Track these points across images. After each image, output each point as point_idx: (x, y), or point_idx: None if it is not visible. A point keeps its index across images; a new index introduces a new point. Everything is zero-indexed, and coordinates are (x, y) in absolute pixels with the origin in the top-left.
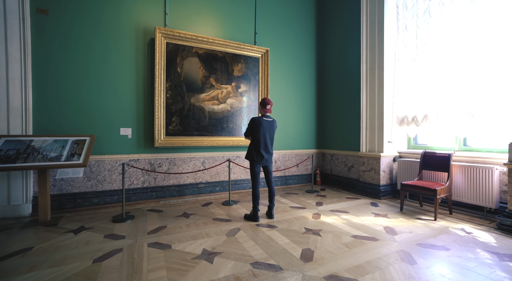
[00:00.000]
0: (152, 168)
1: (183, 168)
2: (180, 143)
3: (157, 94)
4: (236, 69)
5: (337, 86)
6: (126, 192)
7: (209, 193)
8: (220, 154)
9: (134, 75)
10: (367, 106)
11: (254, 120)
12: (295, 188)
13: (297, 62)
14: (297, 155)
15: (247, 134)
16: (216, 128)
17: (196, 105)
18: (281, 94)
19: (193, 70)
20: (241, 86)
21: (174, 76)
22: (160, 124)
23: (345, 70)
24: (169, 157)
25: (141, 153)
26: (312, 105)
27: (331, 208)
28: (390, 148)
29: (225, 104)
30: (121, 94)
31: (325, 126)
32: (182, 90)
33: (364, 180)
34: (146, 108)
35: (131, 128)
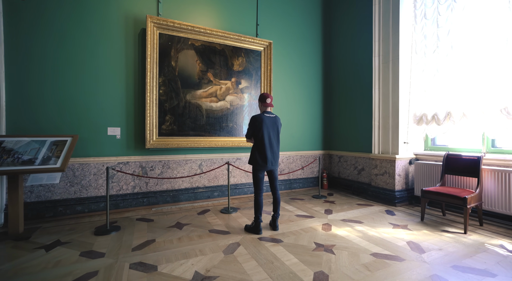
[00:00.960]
0: (144, 172)
1: (178, 171)
2: (175, 144)
3: (149, 90)
4: (236, 63)
5: (346, 82)
6: (114, 198)
7: (207, 198)
8: (219, 156)
9: (123, 69)
10: (380, 103)
11: (255, 118)
12: (300, 192)
13: (302, 57)
14: (302, 156)
15: (248, 136)
16: (215, 128)
17: (192, 103)
18: (285, 91)
19: (189, 64)
20: (242, 82)
21: (168, 70)
22: (152, 123)
23: (355, 64)
24: (162, 160)
25: (131, 155)
26: (318, 103)
27: (342, 217)
28: (406, 149)
29: (224, 101)
30: (108, 90)
31: (332, 125)
32: (177, 86)
33: (377, 185)
34: (137, 106)
35: (119, 128)
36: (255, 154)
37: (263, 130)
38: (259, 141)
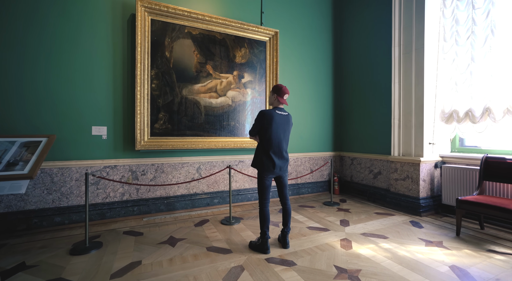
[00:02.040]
0: (134, 177)
1: (173, 176)
2: (169, 145)
3: (139, 83)
4: (239, 55)
5: (360, 76)
6: (99, 207)
7: (206, 206)
8: (219, 158)
9: (110, 60)
10: (401, 99)
11: (264, 113)
12: (310, 198)
13: (311, 49)
14: (311, 159)
15: (253, 132)
16: (214, 127)
17: (189, 98)
18: (292, 87)
19: (185, 55)
20: (245, 75)
21: (161, 61)
22: (143, 122)
23: (370, 56)
24: (155, 163)
25: (120, 157)
26: (328, 100)
27: (362, 229)
28: (432, 151)
29: (225, 97)
30: (93, 83)
31: (344, 124)
32: (172, 80)
33: (397, 191)
34: (126, 102)
35: (106, 127)
36: (260, 156)
37: (272, 129)
38: (266, 142)
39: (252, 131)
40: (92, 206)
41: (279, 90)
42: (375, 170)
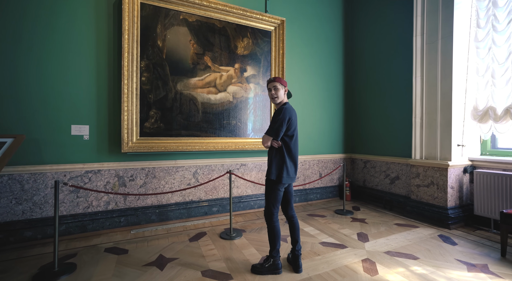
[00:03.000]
0: (121, 183)
1: (166, 181)
2: (162, 146)
3: (126, 76)
4: (241, 45)
5: (374, 70)
6: (80, 218)
7: (203, 215)
8: (218, 161)
9: (93, 49)
10: (423, 94)
11: (289, 110)
12: (319, 205)
13: (320, 40)
14: (320, 161)
15: (277, 134)
16: (213, 126)
17: (185, 94)
18: (299, 82)
19: (180, 44)
20: (248, 69)
21: (152, 52)
22: (131, 120)
23: (386, 46)
24: (146, 167)
25: (104, 161)
26: (339, 96)
27: (385, 246)
28: (461, 154)
29: (225, 93)
30: (73, 76)
31: (356, 123)
32: (165, 72)
33: (419, 199)
34: (112, 97)
35: (88, 126)
36: (282, 165)
37: (296, 130)
38: (293, 145)
39: (276, 133)
40: (71, 217)
41: (286, 83)
42: (392, 175)
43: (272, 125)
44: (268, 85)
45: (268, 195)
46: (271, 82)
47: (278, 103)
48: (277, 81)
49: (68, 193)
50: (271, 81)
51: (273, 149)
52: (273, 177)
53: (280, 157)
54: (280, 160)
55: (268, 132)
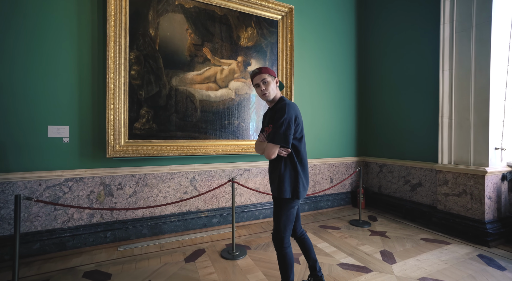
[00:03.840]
0: (108, 192)
1: (159, 190)
2: (154, 150)
3: (112, 69)
4: (244, 36)
5: (391, 63)
6: (59, 234)
7: (202, 228)
8: (219, 166)
9: (74, 38)
10: (452, 90)
11: (294, 108)
12: (330, 214)
13: (330, 30)
14: (331, 165)
15: (285, 140)
16: (213, 127)
17: (181, 90)
18: (308, 78)
19: (175, 33)
20: (252, 62)
21: (143, 41)
22: (118, 120)
23: (406, 37)
24: (136, 173)
25: (87, 167)
26: (351, 92)
27: (417, 270)
28: (500, 159)
29: (226, 89)
30: (50, 69)
31: (370, 123)
32: (158, 66)
33: (448, 210)
34: (96, 94)
35: (68, 127)
36: (298, 175)
37: (304, 132)
38: (304, 149)
39: (285, 138)
40: (48, 234)
41: (274, 73)
42: (414, 181)
43: (276, 129)
44: (254, 79)
45: (279, 217)
46: (257, 74)
47: (271, 100)
48: (264, 72)
49: (44, 205)
50: (256, 73)
51: (280, 159)
52: (288, 194)
53: (292, 167)
54: (293, 171)
55: (273, 138)
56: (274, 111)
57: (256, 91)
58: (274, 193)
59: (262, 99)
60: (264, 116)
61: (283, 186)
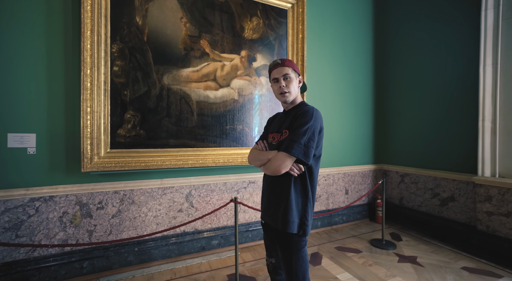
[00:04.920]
0: (85, 212)
1: (149, 208)
2: (141, 162)
3: (90, 64)
4: (249, 27)
5: (416, 57)
6: (21, 267)
7: (199, 251)
8: (220, 179)
9: (42, 26)
10: (497, 89)
11: (321, 117)
12: (346, 231)
13: (343, 21)
14: (345, 175)
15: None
16: (212, 133)
17: (174, 90)
18: (318, 75)
19: (168, 23)
20: (257, 57)
21: (128, 32)
22: (97, 126)
23: (435, 27)
24: (120, 189)
25: (59, 183)
26: (368, 92)
27: None
28: None
29: (228, 88)
30: (11, 64)
31: (389, 126)
32: (146, 60)
33: (493, 232)
34: (71, 95)
35: (34, 134)
36: (308, 203)
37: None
38: (317, 175)
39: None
40: (6, 268)
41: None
42: (444, 194)
43: (296, 136)
44: (274, 72)
45: (291, 263)
46: (277, 66)
47: (290, 102)
48: (288, 66)
49: (2, 232)
50: (278, 64)
51: (289, 179)
52: (295, 228)
53: (303, 192)
54: (304, 197)
55: (290, 147)
56: (292, 116)
57: (273, 87)
58: (276, 224)
59: (278, 98)
60: (270, 120)
61: (289, 217)
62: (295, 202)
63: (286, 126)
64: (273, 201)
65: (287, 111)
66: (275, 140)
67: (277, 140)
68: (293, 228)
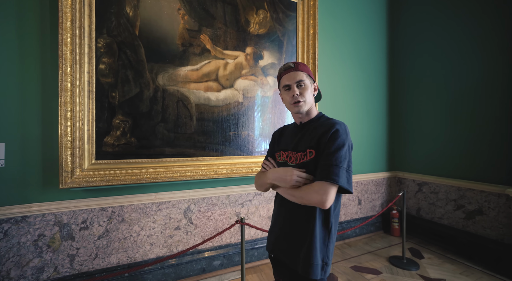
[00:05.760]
0: (66, 234)
1: (141, 226)
2: (132, 175)
3: (69, 62)
4: (255, 20)
5: (436, 50)
6: None
7: (199, 274)
8: (222, 191)
9: (12, 19)
10: None
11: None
12: (361, 246)
13: (357, 17)
14: (358, 183)
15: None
16: (214, 140)
17: (171, 91)
18: (328, 75)
19: (163, 15)
20: (264, 55)
21: (118, 24)
22: (79, 133)
23: (459, 21)
24: (108, 206)
25: (34, 200)
26: (381, 92)
27: None
28: None
29: (232, 89)
30: None
31: (405, 130)
32: (138, 58)
33: None
34: (48, 97)
35: (3, 144)
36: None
37: None
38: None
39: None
40: None
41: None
42: (470, 207)
43: (337, 161)
44: (285, 77)
45: None
46: (290, 71)
47: (305, 113)
48: (303, 70)
49: None
50: (290, 69)
51: (313, 211)
52: (319, 273)
53: (326, 223)
54: (327, 232)
55: (335, 175)
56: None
57: (283, 95)
58: (295, 266)
59: (289, 109)
60: (276, 134)
61: (313, 259)
62: (319, 239)
63: (309, 144)
64: (291, 235)
65: (304, 125)
66: (292, 160)
67: (299, 160)
68: (316, 273)
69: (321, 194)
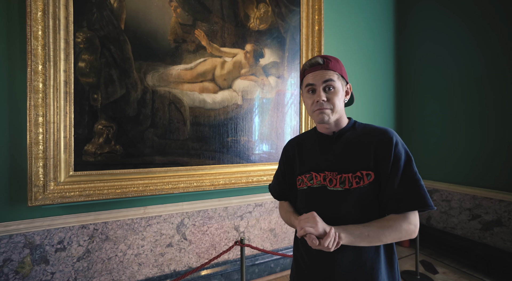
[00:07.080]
0: (39, 257)
1: (128, 245)
2: (117, 188)
3: (41, 58)
4: (255, 15)
5: (447, 57)
6: None
7: None
8: (219, 203)
9: None
10: None
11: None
12: None
13: (363, 13)
14: None
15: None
16: (210, 146)
17: (161, 92)
18: None
19: (152, 7)
20: (266, 53)
21: (100, 16)
22: (54, 141)
23: (474, 18)
24: (89, 222)
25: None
26: (389, 93)
27: None
28: None
29: (230, 91)
30: None
31: (414, 133)
32: (124, 55)
33: None
34: (13, 100)
35: None
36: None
37: None
38: None
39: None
40: None
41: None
42: (487, 217)
43: (416, 180)
44: (309, 75)
45: None
46: (317, 68)
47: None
48: (333, 69)
49: None
50: (316, 65)
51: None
52: None
53: (389, 260)
54: (389, 268)
55: (424, 198)
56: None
57: (304, 98)
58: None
59: (312, 116)
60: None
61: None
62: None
63: (363, 164)
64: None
65: (337, 136)
66: (334, 183)
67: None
68: None
69: (415, 224)
